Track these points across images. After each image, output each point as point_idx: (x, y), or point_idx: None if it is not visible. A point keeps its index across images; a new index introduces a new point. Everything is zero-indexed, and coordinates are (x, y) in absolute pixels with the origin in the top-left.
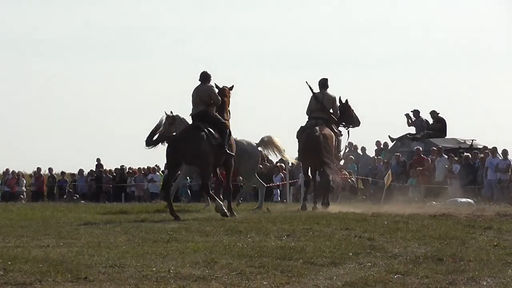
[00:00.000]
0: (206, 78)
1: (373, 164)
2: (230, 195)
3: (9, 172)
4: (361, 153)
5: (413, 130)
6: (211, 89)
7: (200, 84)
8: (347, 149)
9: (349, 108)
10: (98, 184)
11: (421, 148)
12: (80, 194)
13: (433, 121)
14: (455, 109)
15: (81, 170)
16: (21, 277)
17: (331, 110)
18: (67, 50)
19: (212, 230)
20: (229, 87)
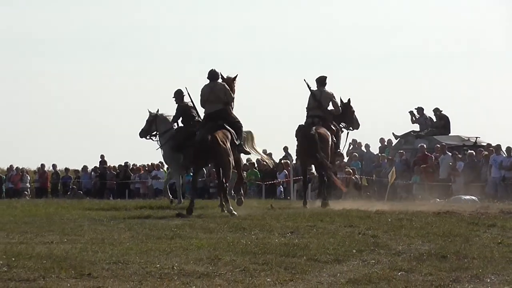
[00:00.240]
0: (215, 76)
1: (377, 162)
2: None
3: (13, 169)
4: (365, 151)
5: (417, 128)
6: (226, 88)
7: (212, 82)
8: (351, 147)
9: (351, 109)
10: (102, 181)
11: (425, 146)
12: (84, 191)
13: (436, 119)
14: (460, 107)
15: (85, 167)
16: (25, 273)
17: (330, 107)
18: (71, 49)
19: (216, 227)
20: (233, 77)
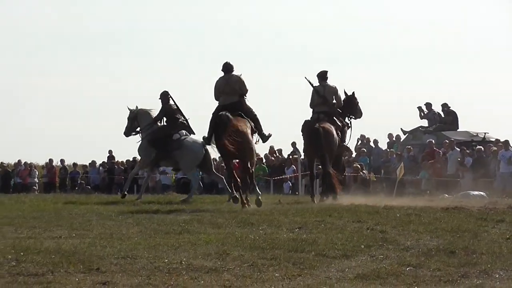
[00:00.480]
0: (230, 69)
1: (386, 157)
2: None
3: (21, 164)
4: (374, 146)
5: (426, 123)
6: (242, 80)
7: (226, 75)
8: (359, 142)
9: (355, 101)
10: (110, 176)
11: (434, 141)
12: (92, 186)
13: (445, 114)
14: (468, 102)
15: (93, 162)
16: (33, 268)
17: (334, 101)
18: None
19: (224, 222)
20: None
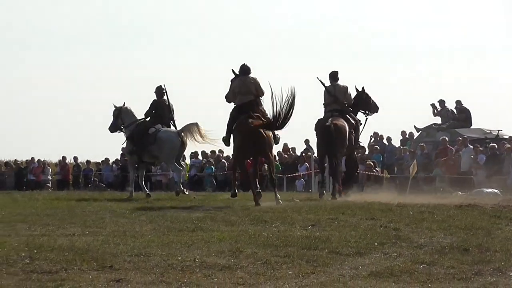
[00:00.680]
0: (247, 71)
1: (399, 154)
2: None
3: (35, 161)
4: (387, 143)
5: (439, 120)
6: (257, 82)
7: (243, 76)
8: (372, 139)
9: (366, 95)
10: (124, 173)
11: (447, 138)
12: (106, 183)
13: (458, 111)
14: (482, 100)
15: (107, 159)
16: (47, 266)
17: (345, 101)
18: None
19: (237, 220)
20: None
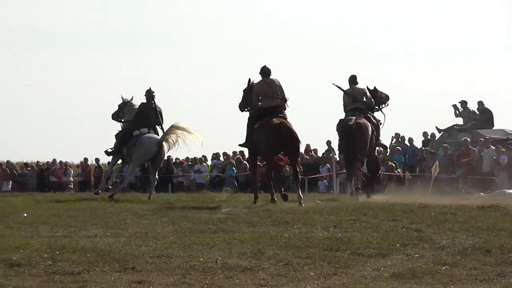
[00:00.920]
0: (268, 72)
1: (421, 155)
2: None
3: (57, 163)
4: (408, 144)
5: (461, 121)
6: (280, 84)
7: (267, 78)
8: (394, 140)
9: (374, 91)
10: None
11: (469, 139)
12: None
13: (480, 112)
14: (504, 100)
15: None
16: (69, 267)
17: (365, 99)
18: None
19: (259, 221)
20: None
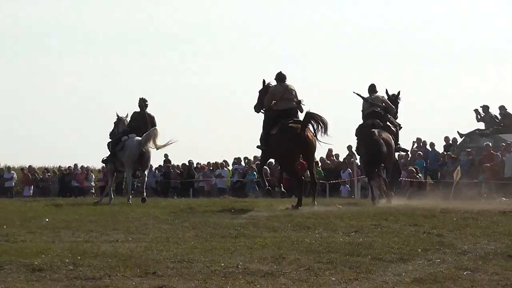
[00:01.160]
0: (283, 78)
1: (442, 160)
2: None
3: (78, 167)
4: (430, 149)
5: (482, 126)
6: (295, 89)
7: (283, 83)
8: (415, 145)
9: (397, 102)
10: (166, 180)
11: (490, 144)
12: (148, 190)
13: (502, 117)
14: None
15: (150, 166)
16: (90, 272)
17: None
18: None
19: (280, 226)
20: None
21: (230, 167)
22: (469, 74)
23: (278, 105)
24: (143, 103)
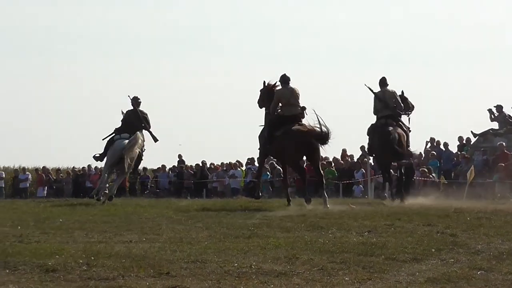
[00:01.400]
0: (287, 80)
1: (456, 160)
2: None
3: (92, 168)
4: (444, 149)
5: (496, 126)
6: (299, 94)
7: (289, 86)
8: (429, 145)
9: (405, 98)
10: (180, 180)
11: (504, 144)
12: (162, 190)
13: None
14: None
15: (163, 166)
16: (104, 272)
17: (395, 105)
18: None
19: (293, 226)
20: (273, 84)
21: (244, 168)
22: (483, 74)
23: (284, 111)
24: (136, 101)
